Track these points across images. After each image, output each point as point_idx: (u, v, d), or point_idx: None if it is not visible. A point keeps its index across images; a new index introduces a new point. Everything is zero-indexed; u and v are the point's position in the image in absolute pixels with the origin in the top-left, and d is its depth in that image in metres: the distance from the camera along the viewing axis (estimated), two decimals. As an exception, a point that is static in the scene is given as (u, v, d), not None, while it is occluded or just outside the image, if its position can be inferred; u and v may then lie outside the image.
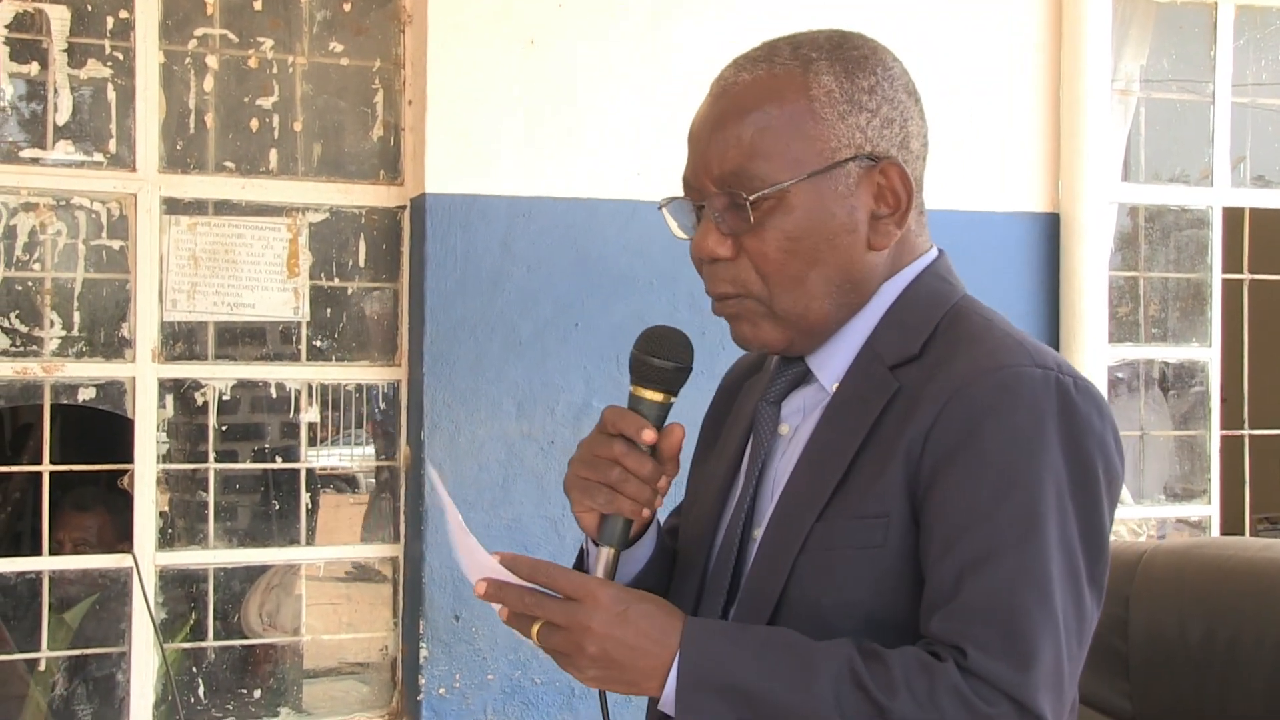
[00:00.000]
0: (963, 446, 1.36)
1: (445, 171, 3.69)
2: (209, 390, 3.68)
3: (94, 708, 3.68)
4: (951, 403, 1.37)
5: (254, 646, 3.82)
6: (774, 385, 1.56)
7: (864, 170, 1.46)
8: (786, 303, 1.47)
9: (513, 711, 3.70)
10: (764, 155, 1.44)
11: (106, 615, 3.67)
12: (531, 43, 3.76)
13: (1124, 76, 4.50)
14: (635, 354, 1.52)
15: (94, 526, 4.03)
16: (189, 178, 3.67)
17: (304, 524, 3.77)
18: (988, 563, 1.33)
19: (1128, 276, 4.53)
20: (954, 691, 1.29)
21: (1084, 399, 1.39)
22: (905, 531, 1.38)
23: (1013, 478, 1.34)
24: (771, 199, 1.44)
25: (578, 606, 1.36)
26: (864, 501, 1.39)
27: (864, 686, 1.29)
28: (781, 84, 1.47)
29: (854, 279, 1.48)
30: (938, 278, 1.53)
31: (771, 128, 1.45)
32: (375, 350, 3.83)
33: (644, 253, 3.79)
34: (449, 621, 3.64)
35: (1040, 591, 1.32)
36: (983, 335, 1.44)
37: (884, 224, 1.48)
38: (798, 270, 1.46)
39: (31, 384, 3.56)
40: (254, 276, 3.72)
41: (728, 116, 1.48)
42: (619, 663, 1.35)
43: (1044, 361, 1.40)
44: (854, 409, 1.45)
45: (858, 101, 1.46)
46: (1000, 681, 1.30)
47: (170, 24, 3.65)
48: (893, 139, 1.47)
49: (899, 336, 1.47)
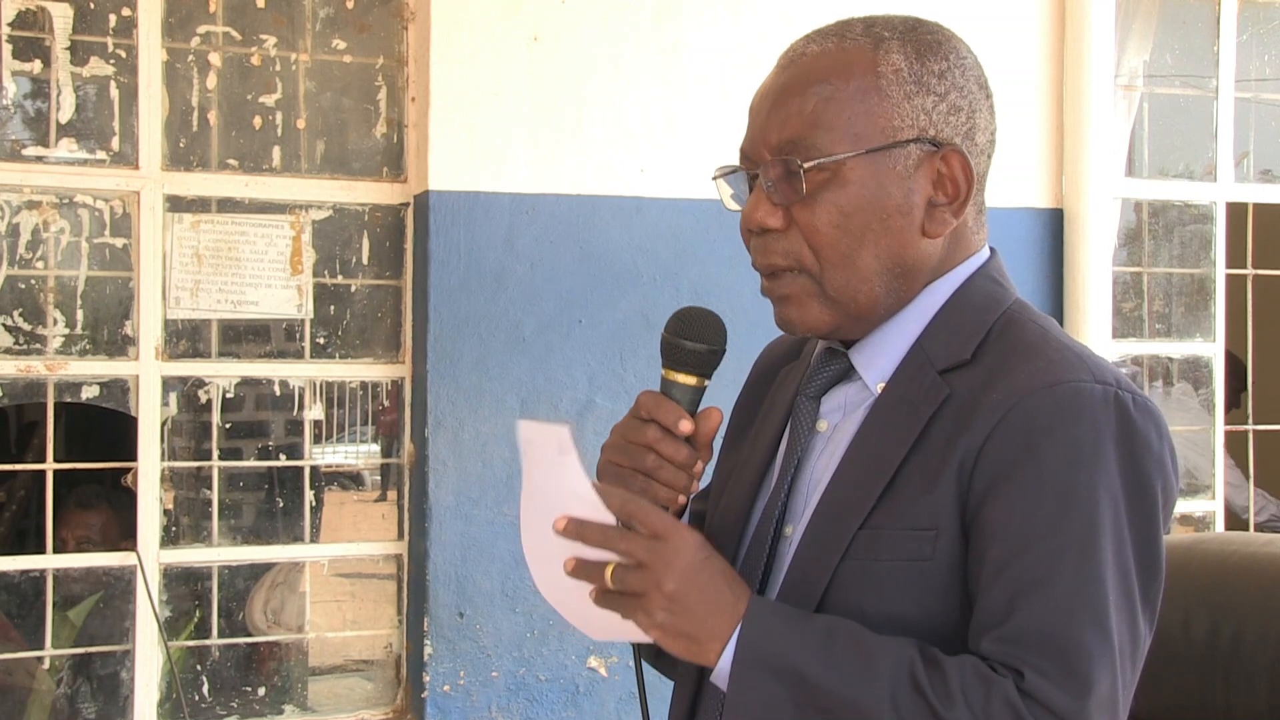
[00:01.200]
0: (1019, 464, 1.33)
1: (449, 168, 3.69)
2: (213, 388, 3.68)
3: (98, 705, 3.68)
4: (1008, 417, 1.34)
5: (258, 644, 3.82)
6: (815, 379, 1.53)
7: (925, 154, 1.44)
8: (838, 281, 1.44)
9: (517, 708, 3.70)
10: (825, 126, 1.42)
11: (111, 613, 3.67)
12: (535, 39, 3.76)
13: (1127, 72, 4.49)
14: (666, 337, 1.48)
15: (98, 525, 4.03)
16: (192, 175, 3.67)
17: (308, 521, 3.78)
18: (1043, 587, 1.30)
19: (1132, 272, 4.53)
20: (1009, 706, 1.27)
21: (1143, 417, 1.37)
22: (954, 546, 1.36)
23: (1070, 499, 1.32)
24: (827, 170, 1.42)
25: (663, 544, 1.33)
26: (912, 512, 1.37)
27: (922, 692, 1.28)
28: (850, 58, 1.44)
29: (906, 264, 1.45)
30: (990, 279, 1.50)
31: (835, 100, 1.43)
32: (379, 347, 3.83)
33: (648, 249, 3.79)
34: (453, 619, 3.64)
35: (1097, 618, 1.31)
36: (1040, 346, 1.41)
37: (940, 212, 1.45)
38: (849, 246, 1.43)
39: (35, 382, 3.56)
40: (257, 274, 3.72)
41: (792, 86, 1.45)
42: (691, 609, 1.33)
43: (1104, 377, 1.37)
44: (902, 413, 1.42)
45: (925, 84, 1.44)
46: (1057, 707, 1.28)
47: (173, 21, 3.65)
48: (958, 127, 1.45)
49: (950, 340, 1.44)
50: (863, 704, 1.28)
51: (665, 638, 1.35)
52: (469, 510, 3.66)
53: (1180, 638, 1.93)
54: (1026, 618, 1.30)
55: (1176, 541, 2.06)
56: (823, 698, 1.30)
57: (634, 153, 3.81)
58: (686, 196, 3.82)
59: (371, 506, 4.10)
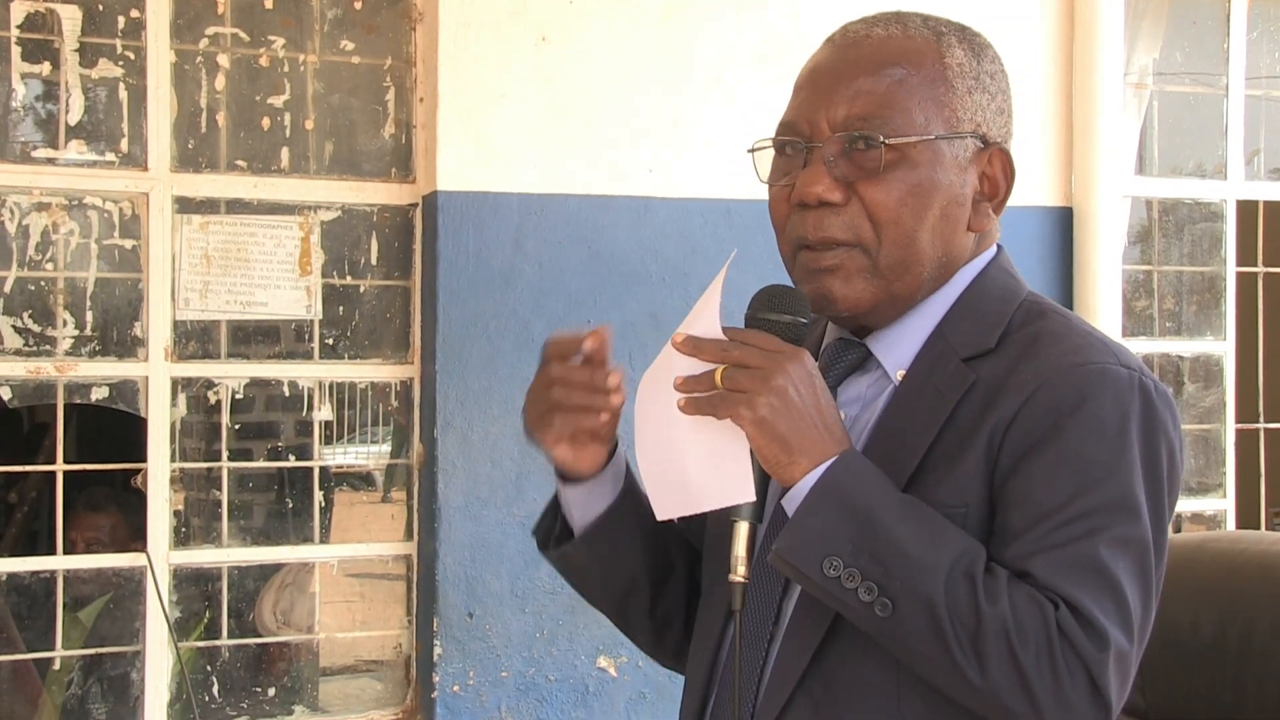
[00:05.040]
0: (1045, 440, 1.36)
1: (457, 169, 3.69)
2: (222, 389, 3.69)
3: (109, 706, 3.69)
4: (1036, 395, 1.37)
5: (268, 645, 3.82)
6: (832, 369, 1.53)
7: (977, 151, 1.48)
8: (894, 258, 1.45)
9: (527, 709, 3.70)
10: (898, 108, 1.44)
11: (120, 614, 3.68)
12: (543, 39, 3.76)
13: (1137, 70, 4.49)
14: (751, 314, 1.46)
15: (107, 526, 4.04)
16: (201, 177, 3.67)
17: (317, 522, 3.78)
18: (1056, 551, 1.33)
19: (1142, 270, 4.52)
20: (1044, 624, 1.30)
21: (1162, 403, 1.41)
22: (982, 522, 1.38)
23: (1093, 475, 1.35)
24: (897, 150, 1.44)
25: (777, 354, 1.37)
26: (940, 491, 1.39)
27: (973, 580, 1.30)
28: (919, 45, 1.48)
29: (950, 253, 1.49)
30: (1004, 272, 1.53)
31: (907, 84, 1.45)
32: (388, 348, 3.83)
33: (656, 250, 3.79)
34: (462, 619, 3.64)
35: (1111, 585, 1.33)
36: (1065, 332, 1.44)
37: (984, 207, 1.50)
38: (910, 226, 1.45)
39: (45, 383, 3.57)
40: (266, 275, 3.72)
41: (861, 65, 1.46)
42: (794, 414, 1.35)
43: (1128, 362, 1.41)
44: (927, 400, 1.44)
45: (983, 83, 1.49)
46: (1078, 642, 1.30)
47: (181, 23, 3.66)
48: (1002, 128, 1.51)
49: (973, 329, 1.47)
50: (919, 566, 1.31)
51: (763, 434, 1.35)
52: (478, 510, 3.66)
53: (1189, 636, 1.94)
54: (1040, 574, 1.33)
55: (1188, 539, 2.07)
56: (883, 546, 1.32)
57: (642, 153, 3.80)
58: (695, 196, 3.82)
59: (380, 507, 4.10)
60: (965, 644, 1.29)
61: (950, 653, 1.29)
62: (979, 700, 1.32)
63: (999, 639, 1.28)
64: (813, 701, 1.42)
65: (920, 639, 1.31)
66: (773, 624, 1.47)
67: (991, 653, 1.29)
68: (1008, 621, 1.29)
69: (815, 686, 1.42)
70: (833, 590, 1.33)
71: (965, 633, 1.29)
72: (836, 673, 1.41)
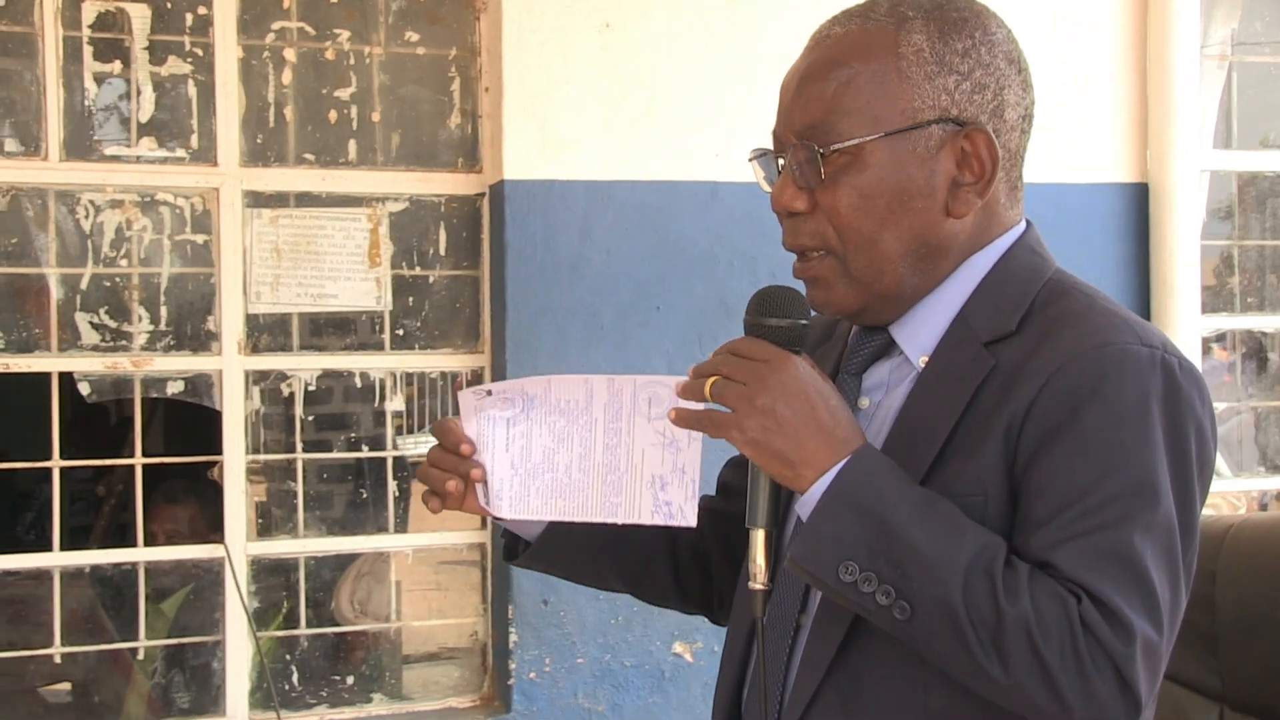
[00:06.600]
0: (1065, 425, 1.33)
1: (523, 158, 3.70)
2: (295, 381, 3.73)
3: (191, 695, 3.74)
4: (1055, 378, 1.34)
5: (346, 634, 3.86)
6: (855, 356, 1.53)
7: (948, 134, 1.43)
8: (861, 262, 1.45)
9: (603, 694, 3.71)
10: (844, 111, 1.43)
11: (201, 605, 3.74)
12: (607, 26, 3.76)
13: (1216, 41, 4.40)
14: (748, 319, 1.46)
15: (186, 518, 4.10)
16: (270, 171, 3.71)
17: (392, 512, 3.81)
18: (1082, 540, 1.30)
19: (1222, 245, 4.44)
20: (1067, 619, 1.27)
21: (1188, 380, 1.37)
22: (1003, 510, 1.36)
23: (1114, 459, 1.31)
24: (846, 154, 1.42)
25: (763, 365, 1.37)
26: (961, 480, 1.37)
27: (992, 578, 1.28)
28: (872, 40, 1.45)
29: (931, 245, 1.45)
30: (1030, 251, 1.49)
31: (855, 83, 1.43)
32: (458, 337, 3.85)
33: (724, 234, 3.77)
34: (537, 606, 3.65)
35: (1137, 572, 1.29)
36: (1085, 312, 1.41)
37: (965, 191, 1.45)
38: (870, 229, 1.43)
39: (122, 378, 3.62)
40: (336, 267, 3.75)
41: (815, 70, 1.47)
42: (787, 429, 1.34)
43: (1150, 340, 1.37)
44: (948, 385, 1.42)
45: (948, 63, 1.44)
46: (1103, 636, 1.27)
47: (248, 19, 3.70)
48: (984, 105, 1.45)
49: (994, 312, 1.44)
50: (936, 567, 1.28)
51: (758, 454, 1.36)
52: (550, 498, 3.65)
53: (1266, 617, 1.91)
54: (1063, 566, 1.29)
55: (1260, 520, 2.07)
56: (898, 548, 1.30)
57: (708, 137, 3.79)
58: (762, 179, 3.79)
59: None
60: (987, 643, 1.27)
61: (972, 652, 1.27)
62: (1006, 697, 1.30)
63: (1021, 637, 1.26)
64: (840, 695, 1.42)
65: (941, 640, 1.29)
66: (799, 614, 1.48)
67: (1014, 651, 1.26)
68: (1029, 619, 1.26)
69: (842, 679, 1.42)
70: (850, 595, 1.32)
71: (986, 632, 1.27)
72: (862, 665, 1.41)
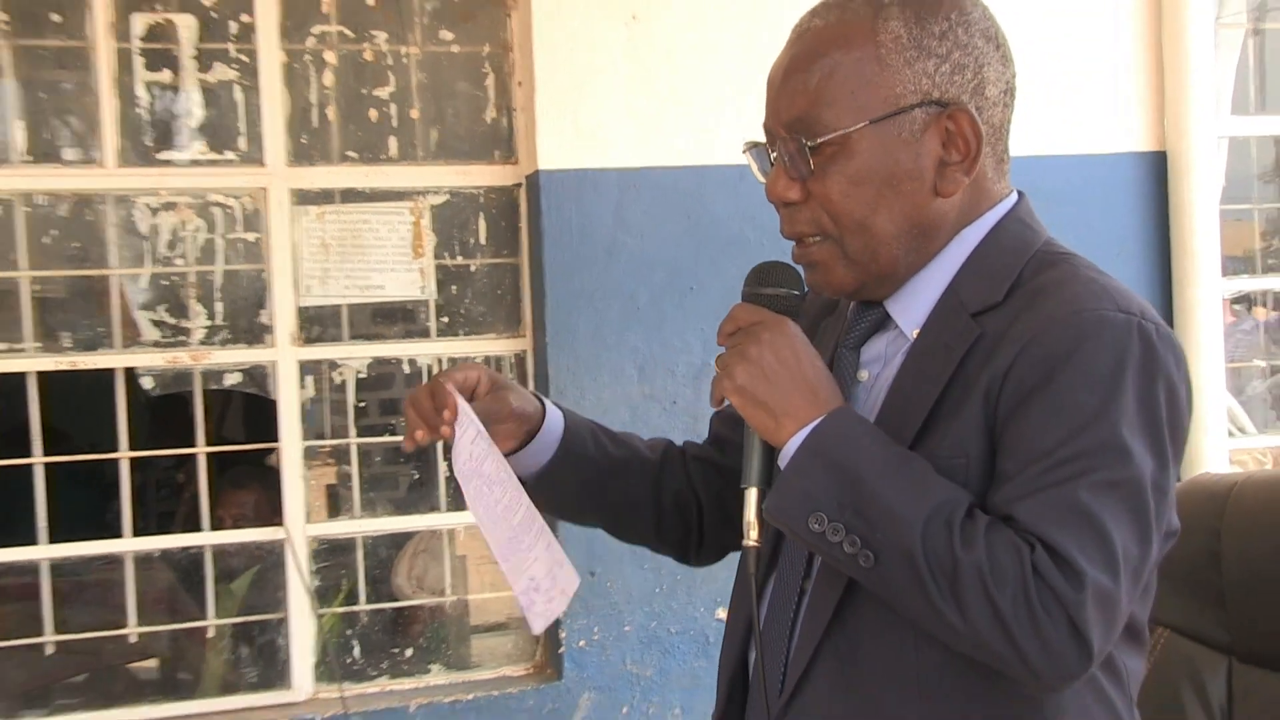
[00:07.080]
0: (1039, 388, 1.35)
1: (557, 148, 3.79)
2: (346, 369, 3.85)
3: (259, 670, 3.87)
4: (1032, 344, 1.37)
5: (403, 608, 3.98)
6: (853, 330, 1.57)
7: (932, 116, 1.46)
8: (856, 245, 1.48)
9: (650, 660, 3.82)
10: (828, 101, 1.45)
11: (265, 584, 3.86)
12: (634, 17, 3.84)
13: (1230, 9, 4.43)
14: (746, 289, 1.54)
15: (250, 502, 4.23)
16: (315, 169, 3.83)
17: (443, 491, 3.93)
18: (1041, 494, 1.33)
19: (1240, 209, 4.48)
20: (1019, 565, 1.30)
21: (1164, 346, 1.39)
22: (983, 473, 1.39)
23: (1084, 418, 1.34)
24: (834, 144, 1.45)
25: (758, 324, 1.46)
26: (945, 444, 1.40)
27: (950, 526, 1.32)
28: (850, 30, 1.47)
29: (922, 225, 1.49)
30: (1020, 223, 1.52)
31: (836, 74, 1.45)
32: (500, 323, 3.95)
33: (753, 216, 3.83)
34: (585, 577, 3.72)
35: (1096, 527, 1.32)
36: (1068, 280, 1.43)
37: (952, 170, 1.47)
38: (862, 214, 1.47)
39: (182, 372, 3.77)
40: (382, 259, 3.87)
41: (798, 62, 1.49)
42: (772, 381, 1.41)
43: (1128, 307, 1.39)
44: (936, 356, 1.46)
45: (926, 47, 1.45)
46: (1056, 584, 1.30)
47: (289, 24, 3.80)
48: (964, 85, 1.46)
49: (982, 283, 1.47)
50: (899, 519, 1.32)
51: (745, 402, 1.43)
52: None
53: (1272, 571, 1.92)
54: (1022, 518, 1.33)
55: (1264, 476, 2.01)
56: (866, 501, 1.34)
57: (735, 121, 3.83)
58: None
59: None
60: (945, 590, 1.30)
61: (932, 600, 1.31)
62: (967, 645, 1.33)
63: (975, 583, 1.29)
64: (837, 655, 1.46)
65: (905, 588, 1.33)
66: (803, 580, 1.52)
67: (969, 598, 1.29)
68: (983, 565, 1.29)
69: (840, 640, 1.46)
70: (819, 545, 1.36)
71: (944, 578, 1.30)
72: (860, 627, 1.45)
